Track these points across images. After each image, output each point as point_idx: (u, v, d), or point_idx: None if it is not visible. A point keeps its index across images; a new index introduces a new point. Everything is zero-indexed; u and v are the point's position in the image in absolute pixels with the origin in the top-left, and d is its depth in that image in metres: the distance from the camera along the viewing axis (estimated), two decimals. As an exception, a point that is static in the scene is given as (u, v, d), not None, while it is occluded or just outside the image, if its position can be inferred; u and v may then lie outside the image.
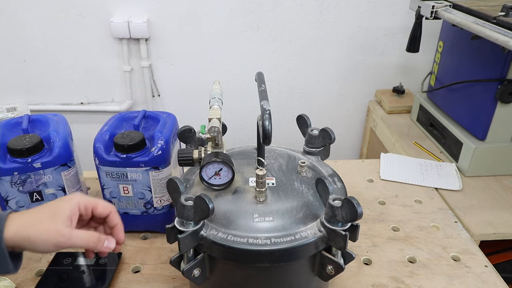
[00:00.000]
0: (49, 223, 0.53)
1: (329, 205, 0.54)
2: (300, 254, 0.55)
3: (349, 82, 1.70)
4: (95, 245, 0.56)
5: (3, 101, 1.62)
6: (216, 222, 0.57)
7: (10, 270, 0.53)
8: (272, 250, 0.53)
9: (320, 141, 0.71)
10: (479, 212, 0.98)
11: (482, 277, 0.76)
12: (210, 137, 0.63)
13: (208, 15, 1.53)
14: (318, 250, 0.56)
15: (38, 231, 0.52)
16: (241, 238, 0.54)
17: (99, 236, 0.57)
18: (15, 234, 0.51)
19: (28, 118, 0.81)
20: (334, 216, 0.53)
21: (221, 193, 0.61)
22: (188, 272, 0.57)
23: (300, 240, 0.54)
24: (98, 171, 0.77)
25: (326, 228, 0.54)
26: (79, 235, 0.55)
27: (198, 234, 0.55)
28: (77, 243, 0.54)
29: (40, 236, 0.52)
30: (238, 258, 0.54)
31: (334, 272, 0.56)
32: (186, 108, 1.71)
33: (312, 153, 0.72)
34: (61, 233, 0.53)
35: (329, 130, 0.69)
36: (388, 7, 1.56)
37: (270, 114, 0.54)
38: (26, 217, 0.53)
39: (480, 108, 1.10)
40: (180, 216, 0.54)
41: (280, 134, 1.71)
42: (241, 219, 0.56)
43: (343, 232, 0.53)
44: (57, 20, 1.52)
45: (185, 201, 0.54)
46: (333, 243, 0.55)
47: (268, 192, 0.59)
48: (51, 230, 0.53)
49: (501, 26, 0.93)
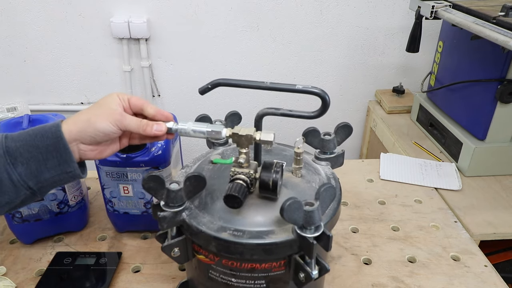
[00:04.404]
0: (103, 108, 0.57)
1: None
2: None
3: (349, 82, 1.70)
4: (146, 127, 0.58)
5: (3, 101, 1.62)
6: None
7: (75, 169, 0.55)
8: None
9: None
10: (479, 212, 0.98)
11: (481, 277, 0.76)
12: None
13: (208, 15, 1.54)
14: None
15: (96, 114, 0.56)
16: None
17: (147, 121, 0.59)
18: (74, 124, 0.55)
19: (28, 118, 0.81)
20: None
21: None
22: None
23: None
24: (98, 171, 0.77)
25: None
26: (131, 118, 0.58)
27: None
28: (130, 125, 0.58)
29: (99, 116, 0.56)
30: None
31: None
32: (186, 108, 1.71)
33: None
34: (116, 111, 0.57)
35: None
36: (388, 7, 1.56)
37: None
38: (79, 113, 0.57)
39: (480, 108, 1.10)
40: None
41: (280, 134, 1.71)
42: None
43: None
44: (57, 20, 1.52)
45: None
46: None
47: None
48: (107, 110, 0.57)
49: (501, 26, 0.93)
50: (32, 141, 0.53)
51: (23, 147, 0.53)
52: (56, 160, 0.54)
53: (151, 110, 0.61)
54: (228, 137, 0.59)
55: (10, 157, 0.53)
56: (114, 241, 0.82)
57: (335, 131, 0.68)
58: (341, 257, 0.80)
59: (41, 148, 0.53)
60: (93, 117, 0.56)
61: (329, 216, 0.56)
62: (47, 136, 0.54)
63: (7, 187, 0.53)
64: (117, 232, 0.85)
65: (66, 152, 0.54)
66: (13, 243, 0.82)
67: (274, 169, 0.55)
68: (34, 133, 0.54)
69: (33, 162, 0.53)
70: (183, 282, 0.69)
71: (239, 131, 0.57)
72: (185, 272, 0.75)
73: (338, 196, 0.60)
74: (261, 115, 0.59)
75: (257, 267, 0.55)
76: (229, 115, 0.72)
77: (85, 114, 0.57)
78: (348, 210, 0.93)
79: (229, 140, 0.69)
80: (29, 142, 0.53)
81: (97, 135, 0.56)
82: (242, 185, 0.55)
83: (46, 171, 0.54)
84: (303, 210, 0.50)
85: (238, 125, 0.69)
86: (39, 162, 0.53)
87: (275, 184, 0.55)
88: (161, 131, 0.59)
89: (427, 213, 0.93)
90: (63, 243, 0.82)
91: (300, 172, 0.62)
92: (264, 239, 0.53)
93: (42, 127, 0.55)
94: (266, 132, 0.57)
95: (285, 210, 0.49)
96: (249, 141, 0.57)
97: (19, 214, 0.77)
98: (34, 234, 0.81)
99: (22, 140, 0.54)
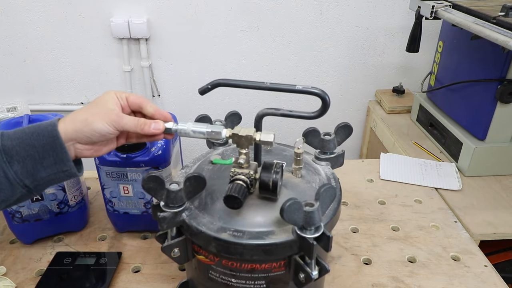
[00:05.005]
0: (100, 107, 0.57)
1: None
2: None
3: (349, 82, 1.70)
4: (143, 126, 0.58)
5: (3, 101, 1.62)
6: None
7: (71, 168, 0.55)
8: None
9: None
10: (479, 212, 0.98)
11: (481, 276, 0.76)
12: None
13: (208, 15, 1.54)
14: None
15: (93, 113, 0.56)
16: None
17: (145, 120, 0.59)
18: (71, 123, 0.55)
19: (28, 118, 0.81)
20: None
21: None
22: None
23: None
24: (98, 171, 0.77)
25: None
26: (128, 118, 0.58)
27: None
28: (127, 125, 0.57)
29: (96, 115, 0.56)
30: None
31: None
32: (186, 108, 1.71)
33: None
34: (113, 112, 0.57)
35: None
36: (388, 7, 1.56)
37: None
38: (76, 111, 0.57)
39: (480, 108, 1.10)
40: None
41: (280, 134, 1.71)
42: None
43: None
44: (57, 20, 1.52)
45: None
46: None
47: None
48: (104, 110, 0.57)
49: (501, 26, 0.93)
50: (28, 140, 0.54)
51: (19, 146, 0.53)
52: (52, 159, 0.54)
53: (151, 108, 0.61)
54: (228, 138, 0.58)
55: (6, 155, 0.53)
56: (114, 241, 0.82)
57: (335, 131, 0.68)
58: (341, 257, 0.80)
59: (38, 147, 0.53)
60: (90, 117, 0.56)
61: (329, 216, 0.56)
62: (43, 135, 0.54)
63: (3, 185, 0.53)
64: (117, 232, 0.85)
65: (62, 151, 0.54)
66: (13, 243, 0.82)
67: (274, 169, 0.55)
68: (30, 131, 0.54)
69: (30, 161, 0.53)
70: (183, 282, 0.69)
71: (239, 132, 0.56)
72: (185, 272, 0.75)
73: (338, 197, 0.60)
74: (261, 116, 0.59)
75: (257, 268, 0.55)
76: (229, 115, 0.72)
77: (82, 114, 0.56)
78: (348, 210, 0.93)
79: (229, 140, 0.69)
80: (25, 141, 0.54)
81: (93, 136, 0.56)
82: (242, 185, 0.54)
83: (42, 170, 0.54)
84: (303, 210, 0.50)
85: (238, 125, 0.69)
86: (35, 160, 0.53)
87: (275, 185, 0.55)
88: (159, 129, 0.59)
89: (427, 213, 0.93)
90: (63, 243, 0.82)
91: (300, 173, 0.62)
92: (264, 239, 0.53)
93: (38, 125, 0.55)
94: (266, 133, 0.57)
95: (285, 211, 0.49)
96: (249, 141, 0.57)
97: (19, 214, 0.77)
98: (34, 234, 0.81)
99: (18, 138, 0.54)
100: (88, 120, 0.55)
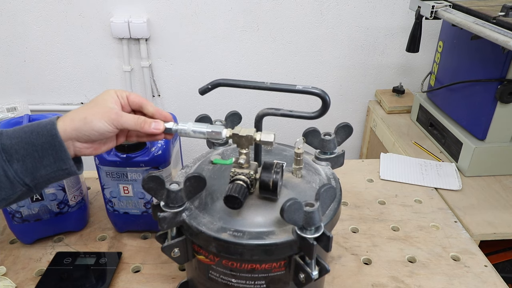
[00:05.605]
0: (100, 106, 0.57)
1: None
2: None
3: (349, 82, 1.70)
4: (143, 125, 0.58)
5: (3, 101, 1.62)
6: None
7: (70, 166, 0.55)
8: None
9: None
10: (479, 212, 0.98)
11: (481, 276, 0.76)
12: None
13: (208, 15, 1.54)
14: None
15: (92, 112, 0.56)
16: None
17: (145, 118, 0.59)
18: (70, 122, 0.55)
19: (28, 118, 0.81)
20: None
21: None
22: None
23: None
24: (98, 170, 0.77)
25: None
26: (128, 116, 0.58)
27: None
28: (127, 123, 0.57)
29: (95, 114, 0.56)
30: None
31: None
32: (186, 108, 1.71)
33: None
34: (113, 110, 0.57)
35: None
36: (388, 7, 1.56)
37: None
38: (75, 110, 0.57)
39: (480, 108, 1.10)
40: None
41: (280, 134, 1.71)
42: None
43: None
44: (57, 20, 1.52)
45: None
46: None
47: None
48: (104, 108, 0.57)
49: (500, 26, 0.93)
50: (28, 138, 0.54)
51: (18, 144, 0.53)
52: (52, 157, 0.54)
53: (151, 108, 0.61)
54: (228, 138, 0.58)
55: (6, 154, 0.53)
56: (114, 241, 0.82)
57: (335, 131, 0.68)
58: (341, 257, 0.80)
59: (37, 146, 0.54)
60: (89, 116, 0.56)
61: (329, 216, 0.56)
62: (43, 133, 0.54)
63: (3, 183, 0.53)
64: (117, 232, 0.85)
65: (61, 149, 0.54)
66: (13, 243, 0.82)
67: (274, 169, 0.55)
68: (29, 130, 0.54)
69: (29, 159, 0.53)
70: (183, 282, 0.69)
71: (239, 132, 0.56)
72: (185, 272, 0.75)
73: (338, 197, 0.60)
74: (261, 116, 0.59)
75: (257, 268, 0.55)
76: (229, 115, 0.72)
77: (81, 112, 0.56)
78: (348, 210, 0.93)
79: (229, 140, 0.69)
80: (25, 140, 0.54)
81: (93, 134, 0.56)
82: (242, 185, 0.54)
83: (42, 168, 0.54)
84: (303, 211, 0.50)
85: (238, 125, 0.69)
86: (35, 159, 0.54)
87: (275, 185, 0.55)
88: (158, 129, 0.59)
89: (427, 213, 0.93)
90: (63, 243, 0.82)
91: (300, 173, 0.62)
92: (264, 239, 0.53)
93: (37, 124, 0.55)
94: (266, 133, 0.57)
95: (285, 211, 0.49)
96: (249, 141, 0.57)
97: (19, 214, 0.77)
98: (34, 234, 0.81)
99: (17, 137, 0.54)
100: (87, 118, 0.55)
